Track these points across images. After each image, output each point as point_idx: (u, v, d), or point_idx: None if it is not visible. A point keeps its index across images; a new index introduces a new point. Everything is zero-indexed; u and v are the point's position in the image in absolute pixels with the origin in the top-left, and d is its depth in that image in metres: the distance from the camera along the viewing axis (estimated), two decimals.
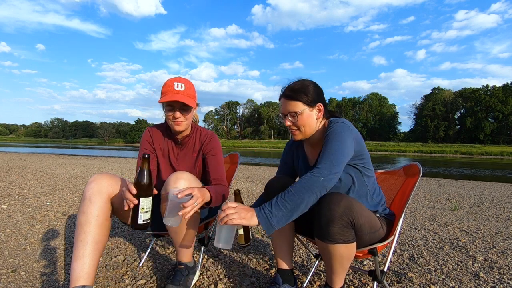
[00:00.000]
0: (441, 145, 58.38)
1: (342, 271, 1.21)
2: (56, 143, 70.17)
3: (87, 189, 1.28)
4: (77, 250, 1.20)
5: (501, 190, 6.17)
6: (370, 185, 1.33)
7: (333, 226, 1.08)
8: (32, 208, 3.03)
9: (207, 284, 1.57)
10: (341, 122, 1.24)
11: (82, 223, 1.24)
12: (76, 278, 1.16)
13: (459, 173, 13.45)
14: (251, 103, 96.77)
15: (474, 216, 3.56)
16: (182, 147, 1.59)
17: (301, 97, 1.26)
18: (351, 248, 1.14)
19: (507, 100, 60.23)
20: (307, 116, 1.28)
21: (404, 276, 1.72)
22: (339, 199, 1.09)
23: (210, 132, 1.62)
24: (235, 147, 62.94)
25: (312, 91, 1.28)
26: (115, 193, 1.33)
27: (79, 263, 1.18)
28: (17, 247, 2.00)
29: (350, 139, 1.21)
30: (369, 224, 1.18)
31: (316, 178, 1.10)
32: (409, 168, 1.55)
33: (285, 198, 1.07)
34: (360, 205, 1.17)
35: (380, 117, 79.80)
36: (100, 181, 1.30)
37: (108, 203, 1.30)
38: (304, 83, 1.29)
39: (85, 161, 10.69)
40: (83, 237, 1.22)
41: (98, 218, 1.25)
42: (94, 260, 1.21)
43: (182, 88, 1.42)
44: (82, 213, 1.25)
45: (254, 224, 1.05)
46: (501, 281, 1.69)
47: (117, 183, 1.36)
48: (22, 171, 5.87)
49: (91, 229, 1.23)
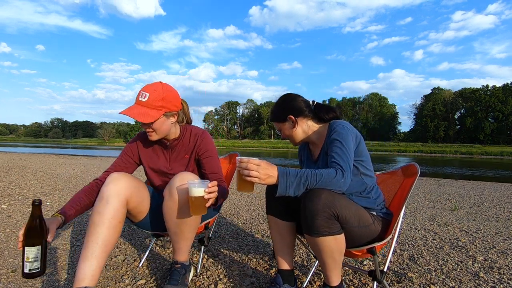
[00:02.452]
0: (441, 145, 58.42)
1: (336, 266, 1.23)
2: (56, 143, 70.17)
3: (105, 189, 1.29)
4: (86, 250, 1.21)
5: (501, 190, 6.17)
6: (368, 184, 1.35)
7: (317, 218, 1.12)
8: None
9: (207, 284, 1.57)
10: (342, 125, 1.33)
11: (95, 223, 1.25)
12: (81, 278, 1.17)
13: (459, 173, 13.45)
14: (251, 103, 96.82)
15: (474, 216, 3.56)
16: (172, 150, 1.56)
17: (274, 118, 1.49)
18: (339, 240, 1.17)
19: (507, 100, 60.25)
20: (287, 129, 1.46)
21: (404, 276, 1.72)
22: (320, 192, 1.13)
23: (200, 131, 1.58)
24: (235, 147, 62.95)
25: (280, 108, 1.45)
26: (132, 196, 1.36)
27: (86, 263, 1.19)
28: (17, 247, 2.00)
29: (352, 140, 1.30)
30: (357, 217, 1.21)
31: (340, 178, 1.17)
32: (407, 168, 1.56)
33: (309, 180, 1.14)
34: (344, 198, 1.20)
35: (380, 117, 79.84)
36: (118, 182, 1.32)
37: (124, 206, 1.32)
38: (277, 102, 1.49)
39: (85, 161, 10.69)
40: (94, 237, 1.23)
41: (112, 220, 1.26)
42: (101, 262, 1.22)
43: (145, 98, 1.33)
44: (97, 213, 1.26)
45: (270, 183, 1.14)
46: (501, 281, 1.69)
47: (135, 186, 1.39)
48: (22, 171, 5.87)
49: (104, 231, 1.24)
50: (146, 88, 1.36)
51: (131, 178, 1.39)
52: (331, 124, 1.37)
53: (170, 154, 1.57)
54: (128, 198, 1.33)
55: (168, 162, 1.57)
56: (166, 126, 1.44)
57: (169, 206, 1.31)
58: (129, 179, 1.36)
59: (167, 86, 1.42)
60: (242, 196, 4.31)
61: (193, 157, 1.56)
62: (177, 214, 1.31)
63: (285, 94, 1.48)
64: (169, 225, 1.36)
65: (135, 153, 1.58)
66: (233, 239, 2.34)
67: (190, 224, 1.36)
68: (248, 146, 67.81)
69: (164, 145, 1.56)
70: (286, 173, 1.15)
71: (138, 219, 1.51)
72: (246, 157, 1.15)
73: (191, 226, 1.38)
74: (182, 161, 1.56)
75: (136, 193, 1.39)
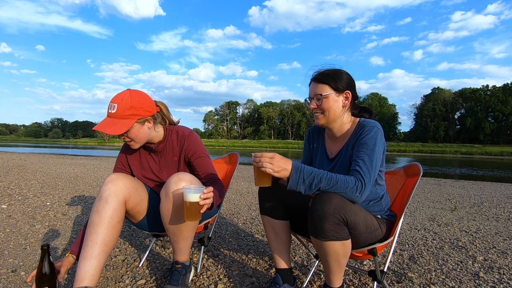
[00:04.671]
0: (441, 145, 58.40)
1: (339, 269, 1.21)
2: (56, 143, 70.14)
3: (104, 189, 1.30)
4: (85, 250, 1.22)
5: (501, 190, 6.17)
6: (380, 192, 1.32)
7: (326, 223, 1.10)
8: (32, 208, 3.03)
9: (207, 284, 1.57)
10: (377, 128, 1.24)
11: (94, 222, 1.25)
12: (81, 278, 1.18)
13: (459, 173, 13.45)
14: (251, 103, 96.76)
15: (474, 216, 3.56)
16: (160, 154, 1.55)
17: (330, 81, 1.27)
18: (346, 245, 1.15)
19: (507, 100, 60.24)
20: (333, 101, 1.28)
21: (404, 276, 1.72)
22: (331, 197, 1.11)
23: (187, 132, 1.54)
24: (235, 147, 62.93)
25: (342, 78, 1.29)
26: (131, 196, 1.36)
27: (86, 263, 1.19)
28: (17, 247, 2.00)
29: (382, 150, 1.23)
30: (364, 223, 1.19)
31: (355, 191, 1.12)
32: (409, 168, 1.55)
33: (323, 182, 1.11)
34: (354, 205, 1.17)
35: (380, 117, 79.64)
36: (117, 182, 1.32)
37: (122, 206, 1.32)
38: (336, 70, 1.32)
39: (85, 161, 10.68)
40: (93, 237, 1.23)
41: (111, 220, 1.27)
42: (101, 262, 1.23)
43: (114, 110, 1.32)
44: (96, 212, 1.27)
45: (284, 177, 1.13)
46: (501, 281, 1.69)
47: (134, 186, 1.40)
48: (22, 171, 5.87)
49: (103, 230, 1.24)
50: (114, 99, 1.34)
51: (130, 178, 1.40)
52: (362, 123, 1.27)
53: (158, 157, 1.56)
54: (126, 198, 1.34)
55: (158, 166, 1.56)
56: (143, 132, 1.42)
57: (166, 207, 1.31)
58: (127, 179, 1.37)
59: (136, 92, 1.39)
60: (242, 196, 4.31)
61: (182, 159, 1.54)
62: (174, 214, 1.31)
63: (342, 69, 1.33)
64: (167, 225, 1.35)
65: (125, 164, 1.61)
66: (233, 239, 2.34)
67: (189, 223, 1.36)
68: (248, 146, 67.76)
69: (150, 150, 1.56)
70: (300, 169, 1.12)
71: (137, 220, 1.51)
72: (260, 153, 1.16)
73: (190, 226, 1.38)
74: (172, 164, 1.55)
75: (135, 193, 1.39)
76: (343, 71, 1.32)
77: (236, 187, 5.26)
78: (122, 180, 1.34)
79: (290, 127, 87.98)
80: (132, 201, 1.38)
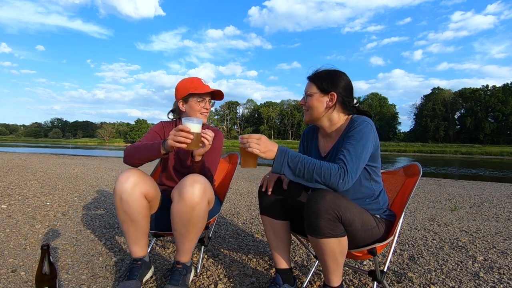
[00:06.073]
0: (441, 145, 58.42)
1: (337, 268, 1.22)
2: (56, 143, 70.15)
3: (123, 190, 1.35)
4: (130, 239, 1.46)
5: (501, 190, 6.17)
6: (376, 189, 1.33)
7: (320, 220, 1.11)
8: (32, 208, 3.03)
9: (207, 284, 1.57)
10: (367, 122, 1.24)
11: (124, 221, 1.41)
12: (135, 251, 1.48)
13: (459, 173, 13.45)
14: (251, 103, 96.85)
15: (474, 216, 3.56)
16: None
17: (317, 81, 1.32)
18: (342, 242, 1.16)
19: (507, 100, 60.29)
20: (317, 101, 1.32)
21: (404, 276, 1.72)
22: (324, 194, 1.12)
23: (215, 129, 1.66)
24: (235, 147, 62.87)
25: (332, 79, 1.31)
26: (149, 191, 1.43)
27: (137, 244, 1.47)
28: (17, 247, 1.99)
29: (371, 143, 1.22)
30: (360, 220, 1.19)
31: (338, 177, 1.11)
32: (409, 168, 1.55)
33: (306, 167, 1.12)
34: (349, 201, 1.19)
35: (380, 117, 79.75)
36: (134, 177, 1.38)
37: (143, 199, 1.40)
38: (330, 71, 1.34)
39: (85, 161, 10.68)
40: (132, 229, 1.43)
41: (139, 216, 1.40)
42: (145, 242, 1.51)
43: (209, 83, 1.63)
44: (122, 212, 1.39)
45: (267, 158, 1.16)
46: (501, 281, 1.69)
47: (150, 181, 1.46)
48: (22, 171, 5.87)
49: (134, 225, 1.42)
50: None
51: (145, 174, 1.46)
52: (354, 118, 1.28)
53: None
54: (145, 192, 1.40)
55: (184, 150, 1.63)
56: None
57: (178, 207, 1.33)
58: (143, 175, 1.43)
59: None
60: (242, 196, 4.31)
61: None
62: (186, 215, 1.33)
63: (340, 70, 1.35)
64: (177, 226, 1.37)
65: (160, 136, 1.68)
66: (233, 239, 2.34)
67: (198, 226, 1.38)
68: None
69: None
70: (286, 152, 1.15)
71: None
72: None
73: (198, 228, 1.39)
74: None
75: (151, 188, 1.45)
76: (338, 73, 1.33)
77: (236, 187, 5.26)
78: (138, 176, 1.41)
79: (290, 127, 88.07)
80: (150, 196, 1.45)
